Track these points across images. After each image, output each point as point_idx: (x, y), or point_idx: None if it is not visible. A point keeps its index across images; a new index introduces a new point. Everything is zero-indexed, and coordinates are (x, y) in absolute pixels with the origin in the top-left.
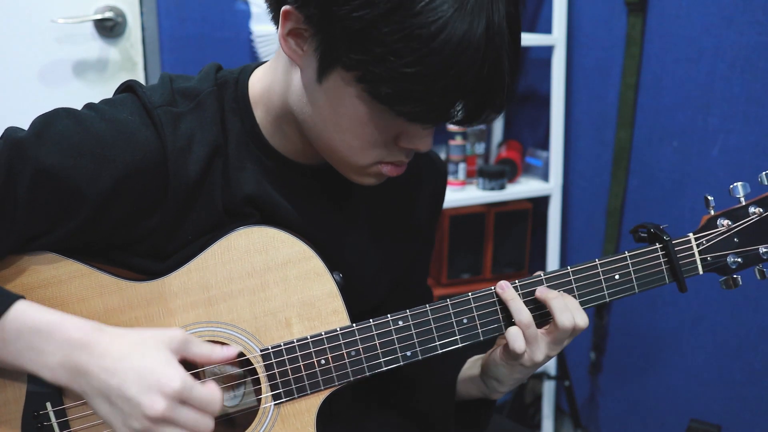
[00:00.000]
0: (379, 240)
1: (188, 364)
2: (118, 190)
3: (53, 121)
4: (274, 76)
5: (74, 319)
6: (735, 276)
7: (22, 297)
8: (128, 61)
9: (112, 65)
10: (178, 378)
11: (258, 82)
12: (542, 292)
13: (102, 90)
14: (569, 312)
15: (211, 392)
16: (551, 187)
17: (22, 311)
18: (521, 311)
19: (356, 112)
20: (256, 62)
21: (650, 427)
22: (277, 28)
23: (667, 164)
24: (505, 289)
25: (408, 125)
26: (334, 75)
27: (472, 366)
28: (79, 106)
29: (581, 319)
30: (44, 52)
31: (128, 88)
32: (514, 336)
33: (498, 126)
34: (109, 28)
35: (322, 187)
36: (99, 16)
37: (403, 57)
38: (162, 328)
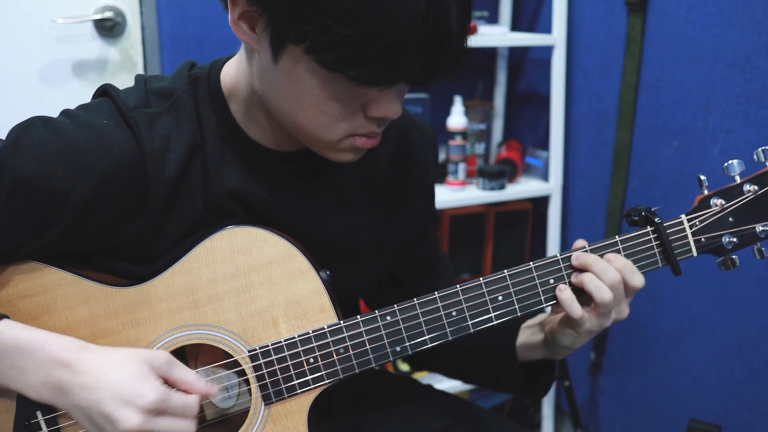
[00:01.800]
0: (370, 216)
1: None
2: (98, 195)
3: (28, 131)
4: (240, 66)
5: (57, 337)
6: (732, 256)
7: (6, 316)
8: (128, 61)
9: (112, 65)
10: (152, 391)
11: (228, 75)
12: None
13: None
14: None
15: (186, 398)
16: (551, 187)
17: (6, 330)
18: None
19: (313, 86)
20: (225, 56)
21: (650, 427)
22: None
23: (667, 164)
24: (580, 257)
25: (368, 92)
26: (287, 52)
27: (527, 334)
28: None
29: (637, 281)
30: (44, 52)
31: (104, 92)
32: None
33: (498, 126)
34: (109, 28)
35: (303, 172)
36: (99, 16)
37: (341, 19)
38: (148, 349)
